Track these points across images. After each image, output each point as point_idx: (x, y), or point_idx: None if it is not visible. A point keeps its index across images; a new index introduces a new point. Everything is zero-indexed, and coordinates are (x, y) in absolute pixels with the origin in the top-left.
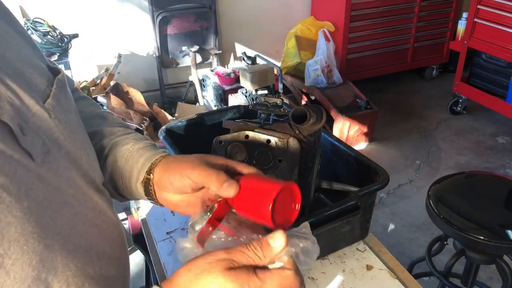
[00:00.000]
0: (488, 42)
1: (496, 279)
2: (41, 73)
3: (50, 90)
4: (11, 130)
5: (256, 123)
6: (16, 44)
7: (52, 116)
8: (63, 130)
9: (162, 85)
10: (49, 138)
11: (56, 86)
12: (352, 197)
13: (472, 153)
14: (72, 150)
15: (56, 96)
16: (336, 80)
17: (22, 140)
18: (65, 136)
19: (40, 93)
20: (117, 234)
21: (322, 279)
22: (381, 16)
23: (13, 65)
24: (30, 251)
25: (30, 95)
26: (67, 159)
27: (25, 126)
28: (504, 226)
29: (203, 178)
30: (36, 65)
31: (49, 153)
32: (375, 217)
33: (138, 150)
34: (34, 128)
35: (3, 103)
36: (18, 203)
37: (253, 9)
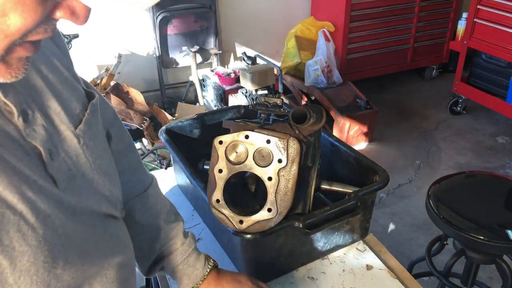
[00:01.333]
0: (488, 42)
1: (496, 279)
2: (77, 97)
3: (83, 115)
4: (41, 154)
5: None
6: (57, 64)
7: (81, 142)
8: (89, 156)
9: (162, 85)
10: (75, 164)
11: (89, 111)
12: (352, 197)
13: (472, 153)
14: (96, 177)
15: (88, 122)
16: (336, 80)
17: (50, 165)
18: (90, 162)
19: (73, 117)
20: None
21: (322, 279)
22: (381, 16)
23: (54, 87)
24: (39, 281)
25: (63, 119)
26: (90, 185)
27: (54, 151)
28: (504, 226)
29: None
30: (74, 88)
31: (73, 179)
32: (375, 217)
33: (188, 262)
34: (62, 154)
35: (38, 127)
36: (34, 232)
37: (253, 9)
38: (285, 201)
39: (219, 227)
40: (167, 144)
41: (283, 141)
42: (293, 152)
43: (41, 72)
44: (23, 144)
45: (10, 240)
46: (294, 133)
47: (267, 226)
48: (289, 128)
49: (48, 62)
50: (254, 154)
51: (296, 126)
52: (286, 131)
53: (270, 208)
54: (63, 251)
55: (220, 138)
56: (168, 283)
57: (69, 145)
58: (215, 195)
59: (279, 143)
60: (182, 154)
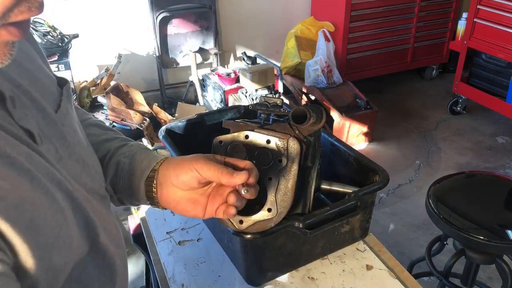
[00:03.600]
0: (488, 42)
1: (496, 279)
2: (51, 83)
3: (60, 100)
4: (33, 137)
5: (256, 123)
6: (29, 53)
7: (64, 125)
8: (72, 138)
9: (162, 85)
10: (61, 146)
11: (64, 96)
12: (352, 197)
13: (472, 153)
14: (80, 158)
15: (65, 106)
16: (336, 80)
17: (41, 147)
18: (74, 144)
19: (53, 102)
20: (119, 235)
21: (322, 279)
22: (381, 16)
23: (30, 74)
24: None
25: (44, 104)
26: (77, 166)
27: (41, 134)
28: (504, 226)
29: (213, 172)
30: (46, 74)
31: (61, 160)
32: (375, 217)
33: (141, 153)
34: (49, 136)
35: (28, 110)
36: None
37: (253, 9)
38: (285, 201)
39: (219, 227)
40: (167, 144)
41: (283, 141)
42: (293, 152)
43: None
44: (17, 128)
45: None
46: (294, 133)
47: (267, 226)
48: (289, 128)
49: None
50: (254, 154)
51: (296, 126)
52: (286, 131)
53: (270, 208)
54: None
55: (220, 138)
56: (168, 283)
57: (54, 128)
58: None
59: (279, 143)
60: (182, 154)
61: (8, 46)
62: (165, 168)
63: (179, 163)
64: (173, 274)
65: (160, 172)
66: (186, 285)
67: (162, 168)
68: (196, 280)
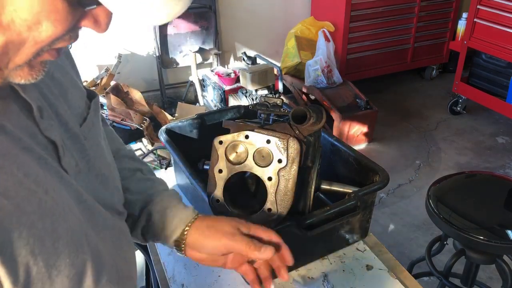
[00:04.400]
0: (488, 42)
1: (496, 279)
2: (81, 95)
3: (86, 113)
4: (56, 148)
5: (256, 123)
6: (62, 64)
7: (87, 139)
8: (94, 153)
9: (162, 85)
10: (81, 160)
11: (92, 110)
12: (352, 197)
13: (472, 153)
14: (100, 173)
15: (91, 120)
16: (336, 80)
17: (63, 159)
18: (95, 158)
19: (78, 115)
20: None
21: (322, 279)
22: (381, 16)
23: (60, 85)
24: (70, 264)
25: (70, 117)
26: (96, 181)
27: (64, 146)
28: (504, 226)
29: (240, 247)
30: (77, 86)
31: (79, 174)
32: (375, 217)
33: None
34: (70, 149)
35: (53, 121)
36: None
37: (253, 9)
38: (285, 201)
39: None
40: (167, 144)
41: (283, 141)
42: (293, 152)
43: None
44: (41, 138)
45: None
46: (294, 133)
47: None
48: (289, 128)
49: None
50: (254, 154)
51: (296, 126)
52: (286, 131)
53: (270, 208)
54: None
55: (220, 138)
56: (168, 283)
57: (76, 142)
58: (215, 195)
59: (279, 143)
60: (182, 154)
61: (43, 64)
62: (194, 235)
63: (207, 234)
64: (173, 274)
65: (190, 236)
66: (186, 285)
67: (192, 233)
68: (196, 280)
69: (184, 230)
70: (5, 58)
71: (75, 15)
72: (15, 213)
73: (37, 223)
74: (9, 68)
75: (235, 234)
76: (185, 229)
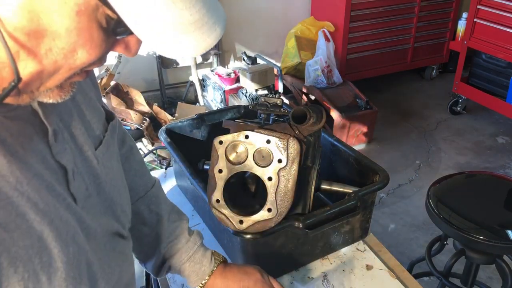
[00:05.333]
0: (488, 42)
1: (496, 279)
2: (99, 118)
3: (103, 136)
4: (65, 173)
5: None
6: (84, 86)
7: (100, 163)
8: (105, 177)
9: (162, 85)
10: (92, 184)
11: (109, 132)
12: (352, 197)
13: (472, 153)
14: (109, 197)
15: (107, 143)
16: (336, 80)
17: (72, 184)
18: (106, 182)
19: (94, 138)
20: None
21: (322, 279)
22: (381, 16)
23: (79, 107)
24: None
25: (86, 140)
26: (103, 205)
27: (76, 170)
28: (504, 226)
29: None
30: (96, 108)
31: (89, 198)
32: (375, 217)
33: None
34: (82, 173)
35: (66, 145)
36: (66, 248)
37: (253, 9)
38: (285, 201)
39: (219, 227)
40: (167, 144)
41: (283, 141)
42: (293, 152)
43: None
44: (51, 163)
45: (48, 257)
46: (294, 133)
47: (267, 226)
48: (289, 128)
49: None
50: (254, 154)
51: (296, 126)
52: (286, 131)
53: (270, 208)
54: (87, 268)
55: (220, 138)
56: (168, 283)
57: (89, 165)
58: (215, 195)
59: (279, 143)
60: (182, 154)
61: (72, 84)
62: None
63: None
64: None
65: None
66: (186, 285)
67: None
68: None
69: (201, 282)
70: (38, 82)
71: (109, 43)
72: (12, 247)
73: (34, 257)
74: (40, 91)
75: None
76: (203, 282)
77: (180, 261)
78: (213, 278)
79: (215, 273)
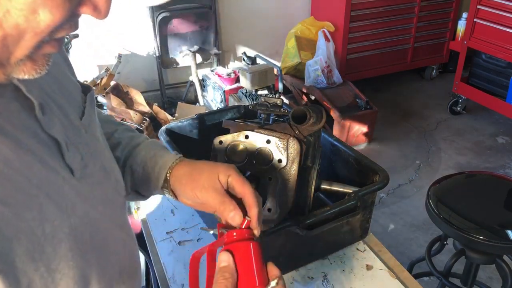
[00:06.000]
0: (488, 42)
1: (496, 279)
2: (76, 90)
3: (83, 107)
4: (58, 145)
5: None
6: (55, 60)
7: (88, 132)
8: (95, 146)
9: (162, 85)
10: (86, 153)
11: (88, 103)
12: (352, 197)
13: (472, 153)
14: (103, 166)
15: (89, 113)
16: (336, 80)
17: (67, 156)
18: (97, 151)
19: (77, 109)
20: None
21: (322, 279)
22: (381, 16)
23: (57, 79)
24: (75, 266)
25: (71, 111)
26: (100, 173)
27: (68, 141)
28: (504, 226)
29: (212, 201)
30: (72, 81)
31: (86, 168)
32: (375, 217)
33: (151, 159)
34: (75, 143)
35: (55, 118)
36: (67, 220)
37: (253, 9)
38: (285, 201)
39: None
40: (167, 144)
41: (283, 141)
42: (293, 152)
43: None
44: (43, 136)
45: (50, 228)
46: (294, 133)
47: (267, 226)
48: (289, 128)
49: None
50: (254, 154)
51: (296, 126)
52: (286, 131)
53: (270, 208)
54: (90, 240)
55: (220, 138)
56: (168, 283)
57: (79, 135)
58: None
59: (279, 143)
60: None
61: (46, 57)
62: (175, 180)
63: (184, 182)
64: (173, 274)
65: (171, 182)
66: (186, 285)
67: (172, 180)
68: None
69: (166, 175)
70: (6, 52)
71: (73, 2)
72: (14, 221)
73: (36, 229)
74: (12, 64)
75: (209, 189)
76: (167, 175)
77: (141, 154)
78: (180, 166)
79: (180, 164)
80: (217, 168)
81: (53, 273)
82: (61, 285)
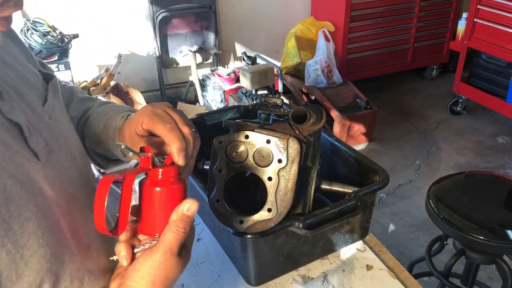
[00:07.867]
0: (488, 42)
1: (496, 279)
2: (37, 78)
3: (46, 94)
4: (21, 130)
5: (256, 123)
6: (11, 51)
7: (51, 118)
8: (60, 132)
9: (162, 85)
10: (51, 138)
11: (50, 90)
12: (352, 197)
13: (472, 153)
14: (69, 151)
15: (52, 100)
16: (336, 80)
17: (30, 140)
18: (62, 137)
19: (39, 95)
20: None
21: (322, 279)
22: (381, 16)
23: (14, 68)
24: (45, 244)
25: (32, 98)
26: (67, 158)
27: (30, 127)
28: (504, 226)
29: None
30: (31, 71)
31: (51, 153)
32: (375, 217)
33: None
34: (38, 129)
35: (15, 103)
36: (33, 199)
37: (253, 9)
38: (285, 201)
39: (219, 227)
40: None
41: (283, 141)
42: (293, 152)
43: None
44: (3, 121)
45: (15, 207)
46: (294, 133)
47: (267, 226)
48: (289, 128)
49: (1, 47)
50: (254, 154)
51: (296, 126)
52: (286, 131)
53: (270, 208)
54: (61, 221)
55: (220, 138)
56: None
57: (42, 121)
58: (215, 195)
59: (279, 143)
60: None
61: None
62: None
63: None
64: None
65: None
66: (186, 285)
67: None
68: (196, 280)
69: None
70: None
71: None
72: None
73: (0, 207)
74: None
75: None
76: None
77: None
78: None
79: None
80: (134, 119)
81: (21, 249)
82: (32, 262)
